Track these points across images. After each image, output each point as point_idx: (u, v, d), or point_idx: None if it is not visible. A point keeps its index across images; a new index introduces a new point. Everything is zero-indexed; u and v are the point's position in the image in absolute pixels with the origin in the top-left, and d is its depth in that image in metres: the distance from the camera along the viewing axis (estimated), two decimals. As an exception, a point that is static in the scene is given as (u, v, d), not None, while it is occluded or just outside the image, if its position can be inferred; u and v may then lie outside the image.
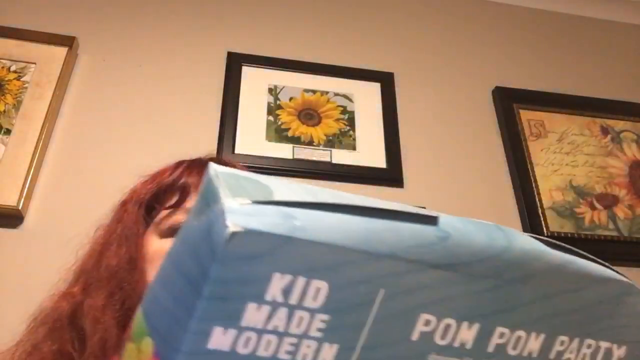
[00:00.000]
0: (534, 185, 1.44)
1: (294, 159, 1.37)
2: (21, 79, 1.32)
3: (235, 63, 1.47)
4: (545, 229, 1.38)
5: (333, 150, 1.41)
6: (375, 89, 1.53)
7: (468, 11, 1.78)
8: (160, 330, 0.19)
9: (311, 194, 0.21)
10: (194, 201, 0.21)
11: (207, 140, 1.32)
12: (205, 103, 1.40)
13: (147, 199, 0.64)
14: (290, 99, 1.47)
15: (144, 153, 1.28)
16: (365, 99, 1.51)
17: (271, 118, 1.42)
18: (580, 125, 1.59)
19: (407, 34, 1.68)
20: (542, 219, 1.39)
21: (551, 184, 1.46)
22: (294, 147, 1.39)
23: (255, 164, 1.30)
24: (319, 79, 1.51)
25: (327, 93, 1.50)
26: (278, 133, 1.41)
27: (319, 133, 1.43)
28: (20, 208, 1.15)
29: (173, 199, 0.62)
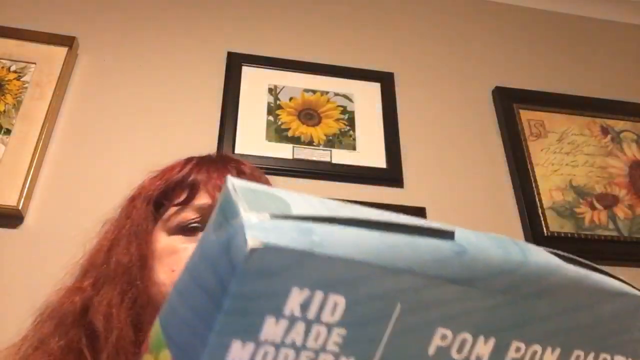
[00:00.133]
0: (534, 185, 1.44)
1: (294, 159, 1.37)
2: (21, 79, 1.32)
3: (235, 63, 1.47)
4: (545, 229, 1.38)
5: (333, 150, 1.41)
6: (375, 89, 1.53)
7: (468, 11, 1.78)
8: (179, 342, 0.20)
9: (329, 209, 0.21)
10: (212, 214, 0.21)
11: (207, 140, 1.32)
12: (205, 103, 1.40)
13: (156, 196, 0.63)
14: (290, 99, 1.47)
15: (144, 153, 1.28)
16: (365, 99, 1.51)
17: (271, 118, 1.42)
18: (580, 125, 1.59)
19: (407, 34, 1.68)
20: (542, 219, 1.39)
21: (551, 184, 1.46)
22: (294, 147, 1.39)
23: (255, 164, 1.29)
24: (319, 79, 1.51)
25: (327, 93, 1.50)
26: (278, 133, 1.40)
27: (319, 133, 1.43)
28: (20, 208, 1.15)
29: (182, 196, 0.61)
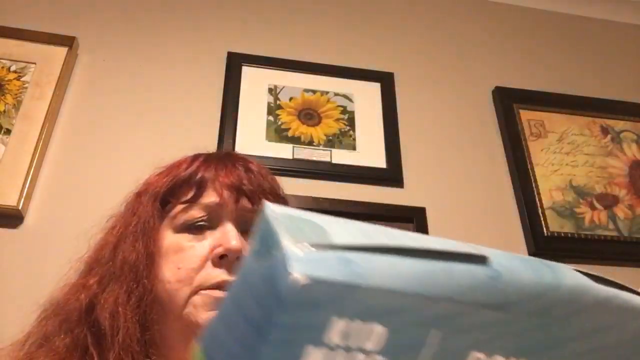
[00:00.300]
0: (534, 185, 1.44)
1: (294, 159, 1.36)
2: (21, 79, 1.32)
3: (235, 63, 1.47)
4: (545, 229, 1.38)
5: (333, 150, 1.41)
6: (375, 89, 1.53)
7: (468, 11, 1.78)
8: None
9: (365, 234, 0.21)
10: (252, 240, 0.21)
11: (208, 140, 1.32)
12: (206, 103, 1.40)
13: (163, 193, 0.62)
14: (290, 99, 1.47)
15: (144, 153, 1.28)
16: (365, 99, 1.51)
17: (271, 118, 1.42)
18: (580, 125, 1.59)
19: (407, 34, 1.68)
20: (542, 219, 1.39)
21: (551, 184, 1.46)
22: (294, 147, 1.39)
23: (255, 164, 1.30)
24: (319, 79, 1.51)
25: (327, 93, 1.50)
26: (278, 133, 1.40)
27: (319, 133, 1.43)
28: (20, 208, 1.15)
29: (189, 193, 0.61)
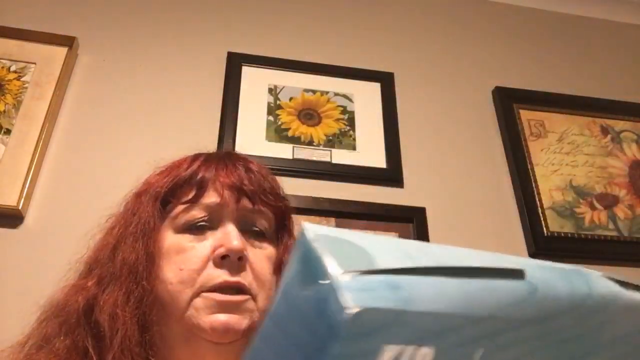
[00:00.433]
0: (534, 185, 1.44)
1: (294, 159, 1.37)
2: (21, 79, 1.32)
3: (235, 63, 1.47)
4: (545, 229, 1.38)
5: (333, 150, 1.41)
6: (375, 89, 1.53)
7: (468, 11, 1.78)
8: None
9: (406, 254, 0.22)
10: (293, 263, 0.21)
11: (208, 140, 1.32)
12: (206, 103, 1.40)
13: (163, 193, 0.62)
14: (290, 99, 1.47)
15: (144, 153, 1.27)
16: (365, 99, 1.51)
17: (271, 118, 1.42)
18: (580, 125, 1.59)
19: (407, 34, 1.68)
20: (542, 219, 1.39)
21: (551, 184, 1.46)
22: (294, 147, 1.39)
23: (255, 164, 1.30)
24: (319, 79, 1.51)
25: (327, 93, 1.50)
26: (278, 133, 1.40)
27: (319, 133, 1.43)
28: (20, 208, 1.15)
29: (190, 194, 0.61)
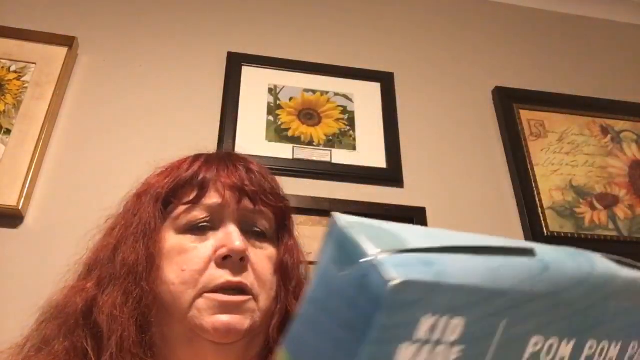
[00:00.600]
0: (534, 185, 1.44)
1: (294, 159, 1.37)
2: (21, 79, 1.32)
3: (235, 63, 1.47)
4: (545, 229, 1.38)
5: (333, 150, 1.41)
6: (375, 89, 1.53)
7: (468, 11, 1.78)
8: None
9: (430, 237, 0.24)
10: (326, 250, 0.23)
11: (208, 140, 1.31)
12: (205, 103, 1.40)
13: (165, 194, 0.62)
14: (290, 99, 1.47)
15: (144, 153, 1.28)
16: (365, 99, 1.51)
17: (271, 118, 1.42)
18: (580, 125, 1.59)
19: (407, 34, 1.68)
20: (542, 219, 1.39)
21: (551, 184, 1.46)
22: (294, 147, 1.39)
23: (255, 164, 1.30)
24: (319, 79, 1.51)
25: (327, 93, 1.50)
26: (278, 133, 1.40)
27: (319, 133, 1.43)
28: (20, 208, 1.15)
29: (191, 194, 0.61)
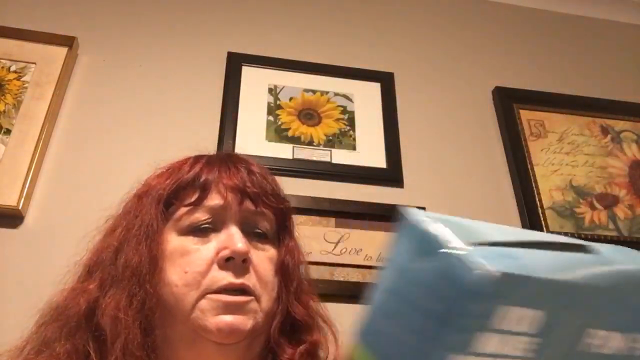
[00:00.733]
0: (534, 185, 1.44)
1: (294, 159, 1.37)
2: (21, 79, 1.32)
3: (235, 63, 1.47)
4: (545, 229, 1.38)
5: (333, 150, 1.41)
6: (375, 89, 1.53)
7: (468, 11, 1.78)
8: (393, 358, 0.24)
9: (503, 232, 0.25)
10: (400, 242, 0.24)
11: (208, 140, 1.31)
12: (205, 103, 1.40)
13: (166, 195, 0.62)
14: (290, 99, 1.47)
15: (144, 153, 1.27)
16: (365, 99, 1.51)
17: (271, 118, 1.42)
18: (580, 125, 1.59)
19: (407, 34, 1.68)
20: (542, 219, 1.39)
21: (551, 184, 1.46)
22: (294, 147, 1.39)
23: (255, 164, 1.29)
24: (319, 79, 1.51)
25: (327, 93, 1.50)
26: (278, 133, 1.40)
27: (319, 133, 1.43)
28: (20, 208, 1.15)
29: (193, 196, 0.61)
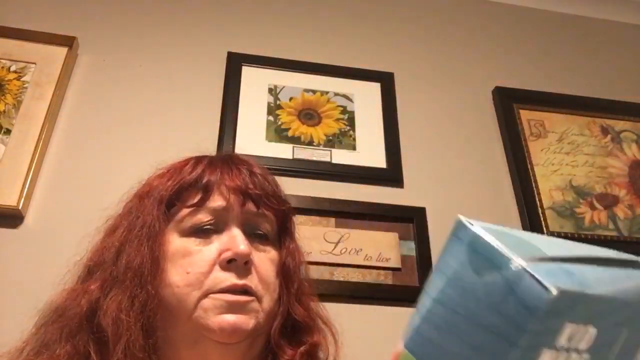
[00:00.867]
0: (534, 185, 1.44)
1: (294, 159, 1.37)
2: (21, 79, 1.32)
3: (235, 63, 1.47)
4: (545, 229, 1.38)
5: (333, 150, 1.41)
6: (375, 89, 1.53)
7: (468, 11, 1.78)
8: None
9: (556, 245, 0.25)
10: (456, 253, 0.24)
11: (208, 140, 1.32)
12: (206, 103, 1.40)
13: (168, 196, 0.61)
14: (290, 99, 1.47)
15: (144, 153, 1.28)
16: (365, 99, 1.51)
17: (271, 118, 1.42)
18: (580, 125, 1.59)
19: (407, 34, 1.68)
20: (542, 219, 1.39)
21: (551, 184, 1.46)
22: (294, 147, 1.39)
23: (255, 164, 1.29)
24: (319, 79, 1.51)
25: (327, 93, 1.50)
26: (278, 133, 1.41)
27: (319, 133, 1.43)
28: (20, 208, 1.15)
29: (195, 197, 0.61)
